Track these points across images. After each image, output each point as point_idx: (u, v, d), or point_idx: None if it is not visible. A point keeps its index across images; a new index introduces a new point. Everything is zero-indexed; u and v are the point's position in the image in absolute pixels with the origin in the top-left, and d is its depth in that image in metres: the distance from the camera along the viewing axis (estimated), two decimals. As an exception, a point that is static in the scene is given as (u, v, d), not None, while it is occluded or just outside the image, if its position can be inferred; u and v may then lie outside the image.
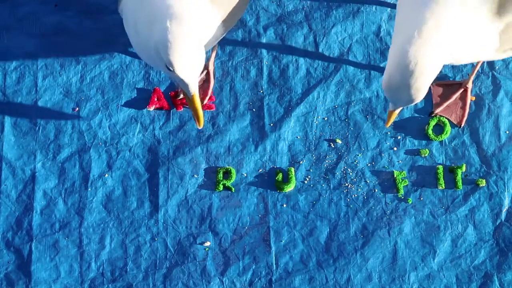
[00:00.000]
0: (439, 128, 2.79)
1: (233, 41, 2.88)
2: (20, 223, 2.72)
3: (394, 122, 2.79)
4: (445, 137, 2.77)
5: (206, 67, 2.82)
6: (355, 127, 2.79)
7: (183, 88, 2.41)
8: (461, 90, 2.79)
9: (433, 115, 2.78)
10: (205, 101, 2.80)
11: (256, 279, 2.68)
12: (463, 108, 2.78)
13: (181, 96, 2.81)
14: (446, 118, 2.78)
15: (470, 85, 2.78)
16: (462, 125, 2.77)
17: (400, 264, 2.68)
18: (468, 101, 2.78)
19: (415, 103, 2.36)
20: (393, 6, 2.90)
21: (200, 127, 2.51)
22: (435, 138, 2.76)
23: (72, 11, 2.90)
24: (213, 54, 2.81)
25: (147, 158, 2.77)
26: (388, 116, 2.48)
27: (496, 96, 2.81)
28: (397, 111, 2.46)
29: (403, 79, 2.29)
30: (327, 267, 2.68)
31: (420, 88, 2.30)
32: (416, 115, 2.80)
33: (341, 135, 2.78)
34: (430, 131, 2.77)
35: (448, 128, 2.77)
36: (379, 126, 2.79)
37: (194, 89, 2.41)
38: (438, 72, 2.32)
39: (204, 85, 2.81)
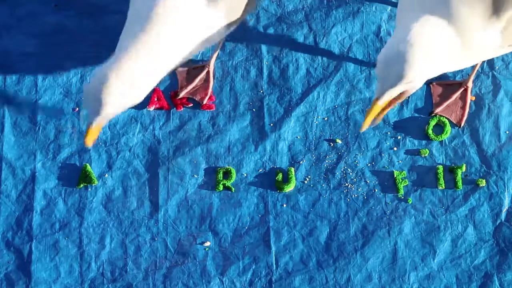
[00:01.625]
0: (439, 128, 2.79)
1: (233, 41, 2.88)
2: (20, 223, 2.72)
3: (394, 122, 2.79)
4: (445, 137, 2.77)
5: (206, 66, 2.82)
6: (355, 127, 2.79)
7: (90, 113, 2.37)
8: (461, 90, 2.79)
9: (433, 114, 2.78)
10: (205, 101, 2.80)
11: (256, 279, 2.68)
12: (463, 108, 2.78)
13: (181, 95, 2.81)
14: (446, 118, 2.78)
15: (470, 85, 2.78)
16: (462, 125, 2.77)
17: (400, 264, 2.68)
18: (468, 101, 2.78)
19: (405, 82, 2.23)
20: (393, 6, 2.90)
21: (86, 146, 2.43)
22: (435, 138, 2.77)
23: (72, 11, 2.90)
24: (215, 55, 2.81)
25: (147, 158, 2.77)
26: (370, 108, 2.32)
27: (496, 96, 2.81)
28: (381, 102, 2.31)
29: (399, 51, 2.22)
30: (327, 267, 2.68)
31: (414, 63, 2.21)
32: (416, 115, 2.80)
33: (341, 135, 2.78)
34: (430, 131, 2.77)
35: (448, 128, 2.77)
36: (379, 126, 2.79)
37: (95, 123, 2.38)
38: (437, 62, 2.26)
39: (204, 84, 2.81)
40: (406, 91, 2.33)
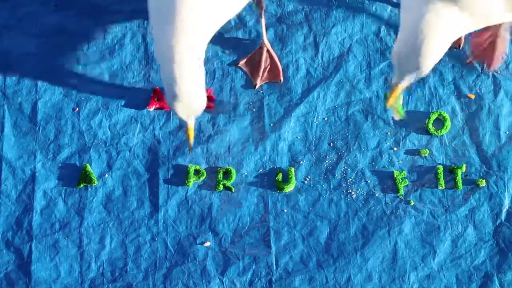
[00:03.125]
0: (439, 123, 2.79)
1: (233, 41, 2.88)
2: (20, 223, 2.72)
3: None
4: (445, 132, 2.77)
5: (262, 46, 2.83)
6: (355, 127, 2.79)
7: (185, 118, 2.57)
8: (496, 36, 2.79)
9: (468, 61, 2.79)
10: (282, 79, 2.83)
11: (256, 279, 2.68)
12: (495, 50, 2.77)
13: (258, 84, 2.82)
14: (446, 113, 2.77)
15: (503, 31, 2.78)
16: (493, 68, 2.77)
17: (400, 264, 2.68)
18: (502, 45, 2.78)
19: (421, 74, 2.37)
20: (393, 6, 2.90)
21: (190, 152, 2.66)
22: (435, 132, 2.76)
23: (72, 11, 2.90)
24: (263, 30, 2.82)
25: (147, 158, 2.77)
26: (391, 90, 2.48)
27: (496, 96, 2.81)
28: (401, 85, 2.45)
29: (414, 44, 2.33)
30: (327, 267, 2.68)
31: (428, 54, 2.33)
32: (416, 111, 2.80)
33: (341, 135, 2.78)
34: (430, 125, 2.77)
35: (448, 123, 2.77)
36: (379, 126, 2.79)
37: (190, 123, 2.57)
38: (449, 43, 2.35)
39: (271, 63, 2.82)
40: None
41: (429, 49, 2.33)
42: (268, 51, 2.83)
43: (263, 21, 2.81)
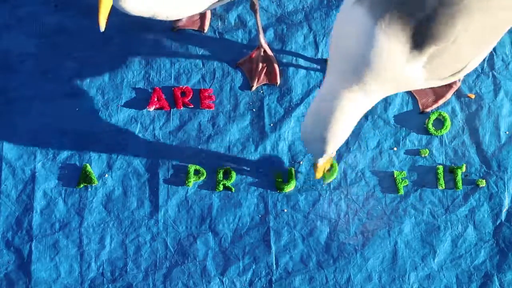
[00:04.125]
0: (439, 123, 2.79)
1: (233, 41, 2.88)
2: (20, 223, 2.72)
3: (395, 118, 2.79)
4: (445, 132, 2.77)
5: (259, 47, 2.81)
6: (355, 127, 2.78)
7: None
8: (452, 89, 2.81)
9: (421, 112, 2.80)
10: (278, 79, 2.82)
11: (256, 279, 2.68)
12: (436, 100, 2.79)
13: (255, 86, 2.80)
14: (446, 113, 2.78)
15: (458, 84, 2.79)
16: (424, 112, 2.77)
17: (400, 264, 2.68)
18: (446, 96, 2.79)
19: (327, 155, 2.43)
20: (393, 6, 2.90)
21: (101, 29, 2.42)
22: (435, 132, 2.77)
23: (72, 11, 2.90)
24: (260, 30, 2.80)
25: (147, 158, 2.77)
26: (314, 169, 2.54)
27: (496, 96, 2.81)
28: (320, 163, 2.50)
29: (314, 130, 2.38)
30: (327, 267, 2.68)
31: (329, 141, 2.38)
32: (416, 111, 2.80)
33: (341, 135, 2.78)
34: (430, 125, 2.77)
35: (448, 123, 2.77)
36: (379, 126, 2.79)
37: None
38: (350, 129, 2.39)
39: (268, 64, 2.81)
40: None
41: (333, 136, 2.38)
42: (265, 52, 2.83)
43: (258, 23, 2.80)
